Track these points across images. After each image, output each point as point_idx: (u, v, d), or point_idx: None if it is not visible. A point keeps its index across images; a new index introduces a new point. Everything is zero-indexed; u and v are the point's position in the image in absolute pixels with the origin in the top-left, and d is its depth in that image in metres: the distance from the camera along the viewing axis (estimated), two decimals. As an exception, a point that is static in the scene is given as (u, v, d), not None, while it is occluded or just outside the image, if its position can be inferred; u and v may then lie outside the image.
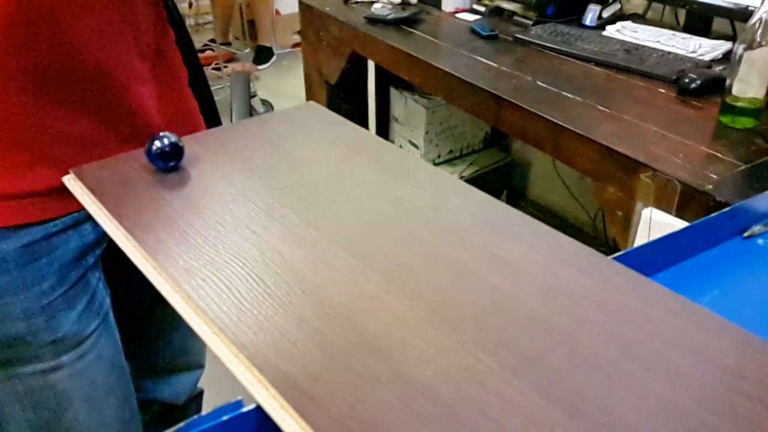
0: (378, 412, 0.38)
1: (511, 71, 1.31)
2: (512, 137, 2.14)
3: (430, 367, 0.41)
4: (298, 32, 2.40)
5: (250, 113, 2.57)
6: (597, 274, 0.50)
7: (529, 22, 1.56)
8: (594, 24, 1.52)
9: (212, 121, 0.91)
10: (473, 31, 1.54)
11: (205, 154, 0.68)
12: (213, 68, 3.09)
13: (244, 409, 0.39)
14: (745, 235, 0.63)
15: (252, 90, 2.67)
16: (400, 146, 2.12)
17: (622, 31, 1.46)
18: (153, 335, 0.98)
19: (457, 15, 1.69)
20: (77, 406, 0.77)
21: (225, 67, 3.04)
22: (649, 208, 0.70)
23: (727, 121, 1.06)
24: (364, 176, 0.64)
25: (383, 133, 2.24)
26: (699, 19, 1.43)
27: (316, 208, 0.59)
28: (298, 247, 0.53)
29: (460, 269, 0.50)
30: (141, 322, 0.95)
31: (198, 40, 2.89)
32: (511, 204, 0.59)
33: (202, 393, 1.13)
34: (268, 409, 0.39)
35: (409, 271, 0.50)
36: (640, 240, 0.68)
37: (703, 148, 1.00)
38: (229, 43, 3.47)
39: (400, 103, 2.10)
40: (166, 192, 0.61)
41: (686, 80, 1.17)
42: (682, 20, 1.53)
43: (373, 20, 1.62)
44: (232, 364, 0.42)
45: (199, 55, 0.92)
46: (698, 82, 1.16)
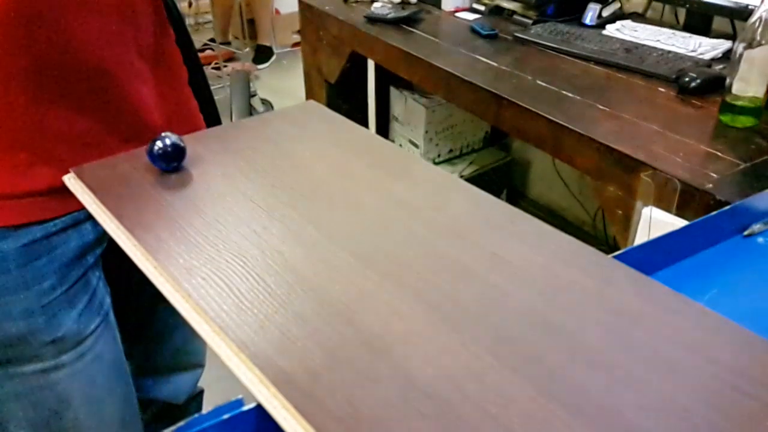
0: (378, 410, 0.38)
1: (511, 70, 1.31)
2: (512, 136, 2.14)
3: (430, 366, 0.41)
4: (298, 31, 2.40)
5: (250, 112, 2.57)
6: (597, 273, 0.50)
7: (529, 21, 1.56)
8: (594, 23, 1.52)
9: (212, 121, 0.91)
10: (473, 30, 1.54)
11: (205, 154, 0.68)
12: (213, 68, 3.09)
13: (245, 408, 0.39)
14: (745, 233, 0.63)
15: (252, 89, 2.67)
16: (400, 145, 2.12)
17: (622, 30, 1.46)
18: (153, 334, 0.98)
19: (457, 14, 1.69)
20: (77, 406, 0.77)
21: (225, 66, 3.04)
22: (649, 207, 0.70)
23: (727, 120, 1.06)
24: (364, 175, 0.64)
25: (383, 133, 2.24)
26: (699, 17, 1.43)
27: (317, 208, 0.59)
28: (299, 246, 0.53)
29: (461, 268, 0.50)
30: (141, 322, 0.95)
31: (197, 40, 2.89)
32: (511, 203, 0.59)
33: (202, 392, 1.13)
34: (269, 407, 0.39)
35: (410, 270, 0.50)
36: (640, 239, 0.68)
37: (703, 147, 1.00)
38: (228, 43, 3.47)
39: (400, 103, 2.10)
40: (166, 191, 0.61)
41: (686, 79, 1.17)
42: (682, 19, 1.53)
43: (373, 19, 1.62)
44: (232, 363, 0.42)
45: (199, 55, 0.92)
46: (698, 81, 1.16)
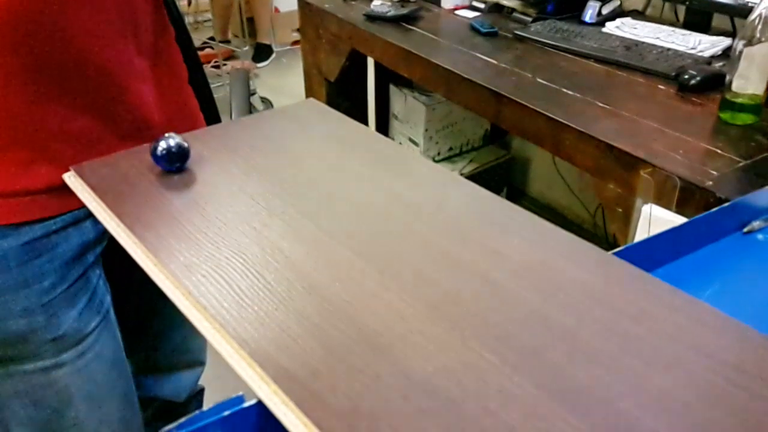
0: (379, 407, 0.38)
1: (510, 68, 1.31)
2: (512, 134, 2.14)
3: (430, 363, 0.41)
4: (298, 30, 2.40)
5: (250, 111, 2.57)
6: (597, 270, 0.50)
7: (529, 19, 1.56)
8: (593, 20, 1.52)
9: (212, 119, 0.91)
10: (473, 28, 1.54)
11: (205, 151, 0.68)
12: (212, 66, 3.09)
13: (246, 405, 0.39)
14: (745, 230, 0.63)
15: (251, 88, 2.67)
16: (400, 143, 2.12)
17: (622, 28, 1.46)
18: (154, 333, 0.98)
19: (457, 12, 1.69)
20: (78, 404, 0.77)
21: (224, 65, 3.03)
22: (649, 205, 0.70)
23: (727, 117, 1.06)
24: (364, 173, 0.64)
25: (383, 131, 2.24)
26: (699, 15, 1.43)
27: (317, 205, 0.59)
28: (299, 244, 0.53)
29: (461, 265, 0.51)
30: (142, 320, 0.95)
31: (197, 38, 2.89)
32: (511, 201, 0.59)
33: (203, 390, 1.13)
34: (269, 404, 0.39)
35: (410, 268, 0.50)
36: (640, 236, 0.68)
37: (703, 144, 1.00)
38: (228, 41, 3.46)
39: (400, 101, 2.10)
40: (166, 189, 0.61)
41: (686, 76, 1.17)
42: (681, 16, 1.53)
43: (373, 17, 1.62)
44: (233, 360, 0.42)
45: (198, 53, 0.92)
46: (698, 79, 1.16)
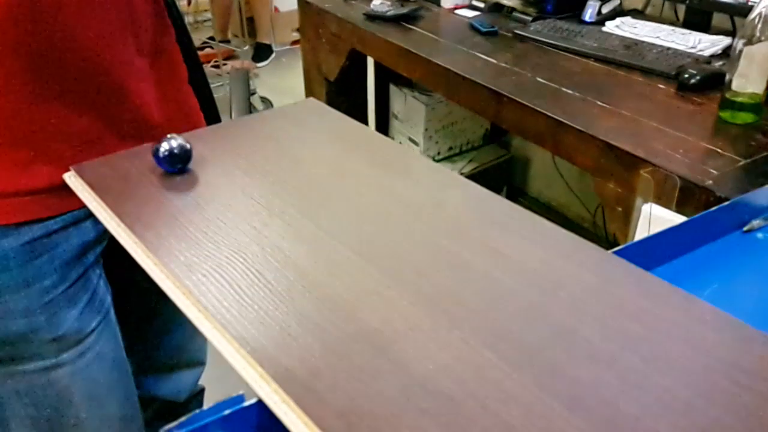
0: (379, 406, 0.38)
1: (510, 67, 1.31)
2: (512, 134, 2.14)
3: (430, 361, 0.41)
4: (297, 29, 2.40)
5: (250, 111, 2.57)
6: (597, 268, 0.50)
7: (529, 18, 1.56)
8: (593, 20, 1.51)
9: (212, 119, 0.91)
10: (472, 28, 1.54)
11: (205, 151, 0.68)
12: (212, 66, 3.09)
13: (246, 404, 0.39)
14: (745, 229, 0.63)
15: (251, 87, 2.67)
16: (400, 143, 2.12)
17: (622, 27, 1.46)
18: (154, 332, 0.98)
19: (457, 11, 1.69)
20: (79, 404, 0.77)
21: (224, 64, 3.03)
22: (649, 204, 0.70)
23: (727, 116, 1.06)
24: (364, 172, 0.64)
25: (383, 130, 2.24)
26: (698, 14, 1.43)
27: (317, 204, 0.59)
28: (299, 243, 0.53)
29: (461, 264, 0.51)
30: (142, 320, 0.95)
31: (197, 38, 2.88)
32: (511, 201, 0.59)
33: (203, 390, 1.13)
34: (270, 403, 0.39)
35: (410, 266, 0.50)
36: (640, 236, 0.68)
37: (703, 143, 1.00)
38: (228, 41, 3.46)
39: (400, 100, 2.10)
40: (166, 188, 0.61)
41: (686, 76, 1.17)
42: (681, 16, 1.52)
43: (372, 17, 1.62)
44: (233, 359, 0.42)
45: (198, 53, 0.92)
46: (698, 78, 1.16)
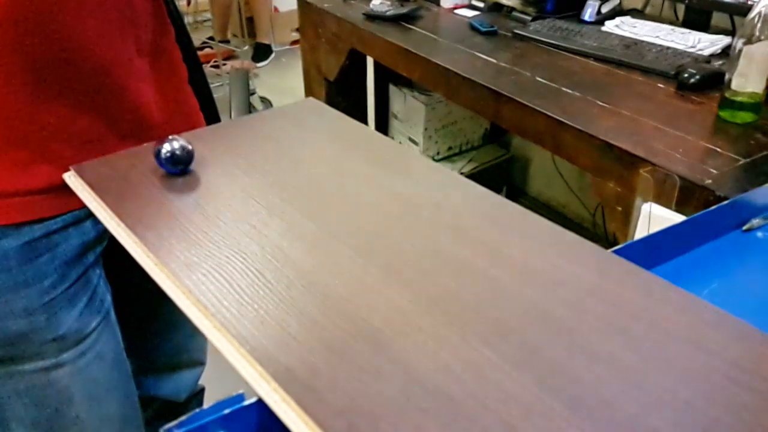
0: (378, 404, 0.38)
1: (510, 67, 1.31)
2: (512, 133, 2.14)
3: (430, 360, 0.41)
4: (297, 29, 2.40)
5: (249, 111, 2.57)
6: (597, 267, 0.50)
7: (528, 18, 1.56)
8: (593, 19, 1.52)
9: (211, 119, 0.91)
10: (472, 27, 1.54)
11: (205, 151, 0.68)
12: (212, 66, 3.09)
13: (246, 403, 0.39)
14: (745, 228, 0.63)
15: (251, 88, 2.67)
16: (400, 143, 2.12)
17: (621, 27, 1.46)
18: (154, 332, 0.98)
19: (456, 11, 1.69)
20: (79, 404, 0.77)
21: (224, 64, 3.03)
22: (649, 203, 0.70)
23: (727, 115, 1.06)
24: (364, 171, 0.64)
25: (382, 130, 2.24)
26: (698, 13, 1.43)
27: (316, 204, 0.59)
28: (299, 242, 0.53)
29: (461, 262, 0.51)
30: (142, 320, 0.95)
31: (196, 38, 2.88)
32: (511, 200, 0.59)
33: (203, 390, 1.13)
34: (270, 402, 0.39)
35: (410, 265, 0.50)
36: (640, 235, 0.68)
37: (703, 143, 1.00)
38: (227, 41, 3.46)
39: (399, 100, 2.10)
40: (166, 188, 0.61)
41: (685, 75, 1.17)
42: (681, 15, 1.53)
43: (372, 17, 1.62)
44: (233, 358, 0.42)
45: (198, 53, 0.92)
46: (697, 77, 1.16)
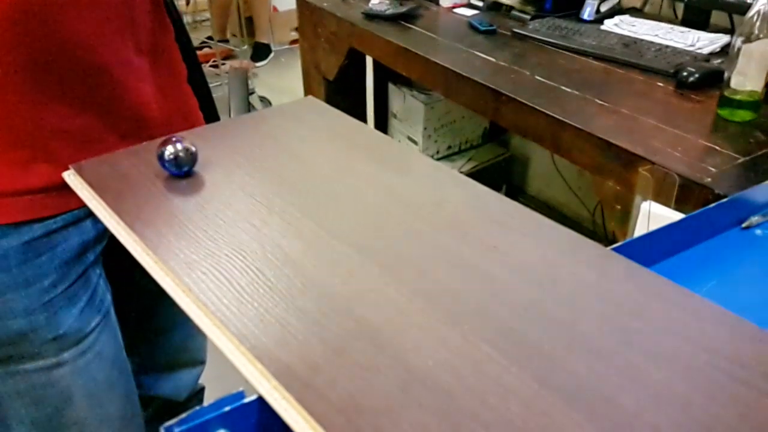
0: (378, 401, 0.38)
1: (509, 66, 1.31)
2: (511, 132, 2.14)
3: (429, 357, 0.41)
4: (296, 29, 2.40)
5: (249, 110, 2.57)
6: (596, 265, 0.50)
7: (527, 17, 1.56)
8: (592, 18, 1.52)
9: (211, 119, 0.91)
10: (471, 26, 1.54)
11: (204, 149, 0.68)
12: (211, 65, 3.09)
13: (246, 400, 0.39)
14: (744, 225, 0.64)
15: (250, 87, 2.67)
16: (399, 142, 2.12)
17: (620, 25, 1.46)
18: (154, 332, 0.98)
19: (455, 10, 1.69)
20: (79, 403, 0.77)
21: (223, 64, 3.03)
22: (648, 202, 0.70)
23: (726, 114, 1.06)
24: (363, 170, 0.64)
25: (382, 129, 2.24)
26: (697, 12, 1.44)
27: (316, 202, 0.59)
28: (298, 241, 0.53)
29: (460, 261, 0.51)
30: (142, 319, 0.95)
31: (195, 38, 2.89)
32: (510, 199, 0.59)
33: (203, 389, 1.13)
34: (270, 399, 0.39)
35: (409, 263, 0.50)
36: (639, 233, 0.68)
37: (702, 141, 1.00)
38: (226, 40, 3.46)
39: (399, 99, 2.10)
40: (166, 187, 0.62)
41: (685, 74, 1.18)
42: (680, 14, 1.53)
43: (371, 16, 1.62)
44: (233, 356, 0.42)
45: (197, 53, 0.92)
46: (696, 76, 1.16)
